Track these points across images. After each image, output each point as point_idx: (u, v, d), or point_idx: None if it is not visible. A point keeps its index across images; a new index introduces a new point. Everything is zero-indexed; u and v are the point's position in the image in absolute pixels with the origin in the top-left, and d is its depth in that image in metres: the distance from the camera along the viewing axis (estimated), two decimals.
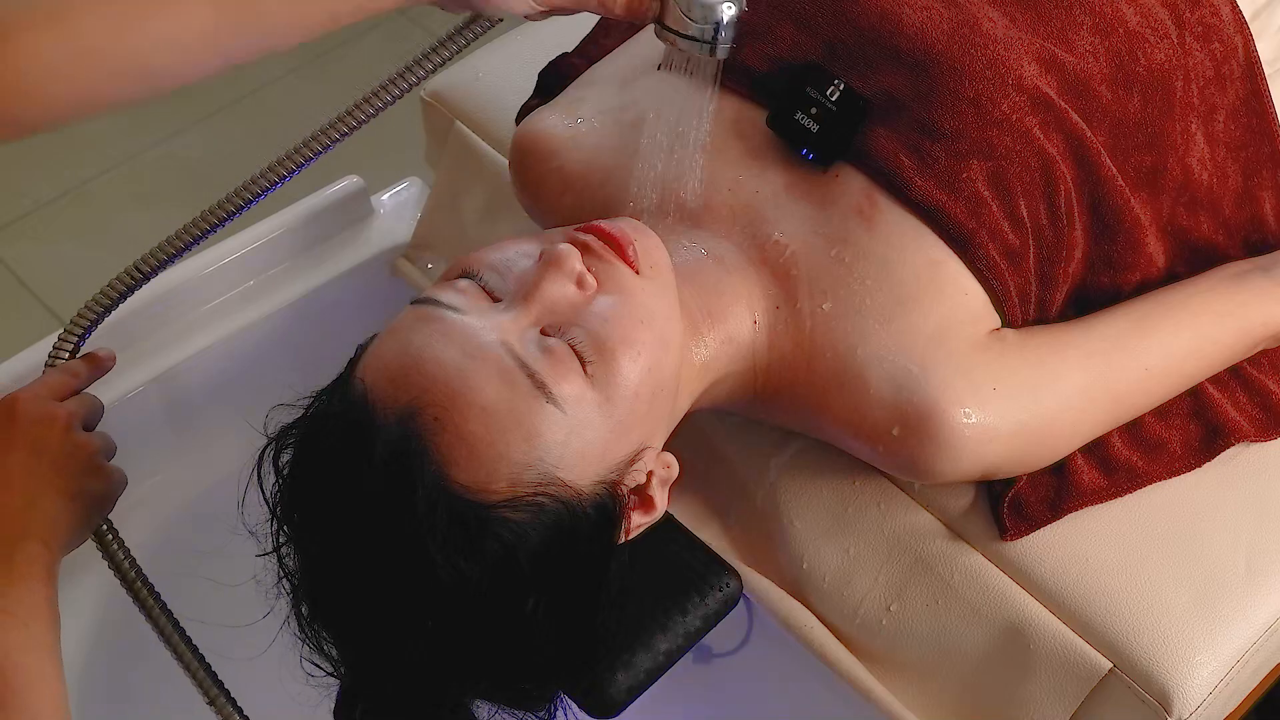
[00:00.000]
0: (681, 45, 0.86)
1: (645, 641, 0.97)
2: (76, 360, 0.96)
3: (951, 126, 0.93)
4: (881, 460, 0.96)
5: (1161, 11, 0.99)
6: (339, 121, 0.89)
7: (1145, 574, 0.94)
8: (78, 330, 0.95)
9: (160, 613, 0.93)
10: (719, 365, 0.92)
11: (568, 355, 0.79)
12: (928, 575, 0.97)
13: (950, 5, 0.96)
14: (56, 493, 0.87)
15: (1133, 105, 0.97)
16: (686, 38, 0.85)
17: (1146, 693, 0.90)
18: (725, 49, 0.86)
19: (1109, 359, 0.96)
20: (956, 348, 0.92)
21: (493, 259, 0.84)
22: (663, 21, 0.86)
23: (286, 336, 1.29)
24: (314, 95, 2.30)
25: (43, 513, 0.85)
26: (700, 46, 0.85)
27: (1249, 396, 1.02)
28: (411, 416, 0.76)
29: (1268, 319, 1.01)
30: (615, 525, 0.83)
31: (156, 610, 0.93)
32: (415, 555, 0.76)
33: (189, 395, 1.25)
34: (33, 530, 0.84)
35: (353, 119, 0.89)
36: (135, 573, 0.93)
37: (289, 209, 1.30)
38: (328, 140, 0.90)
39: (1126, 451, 0.98)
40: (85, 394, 0.94)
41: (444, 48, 0.89)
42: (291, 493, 0.82)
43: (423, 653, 0.79)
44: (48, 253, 2.20)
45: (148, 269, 0.93)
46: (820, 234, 0.94)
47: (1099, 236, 0.98)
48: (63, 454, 0.88)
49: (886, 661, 0.99)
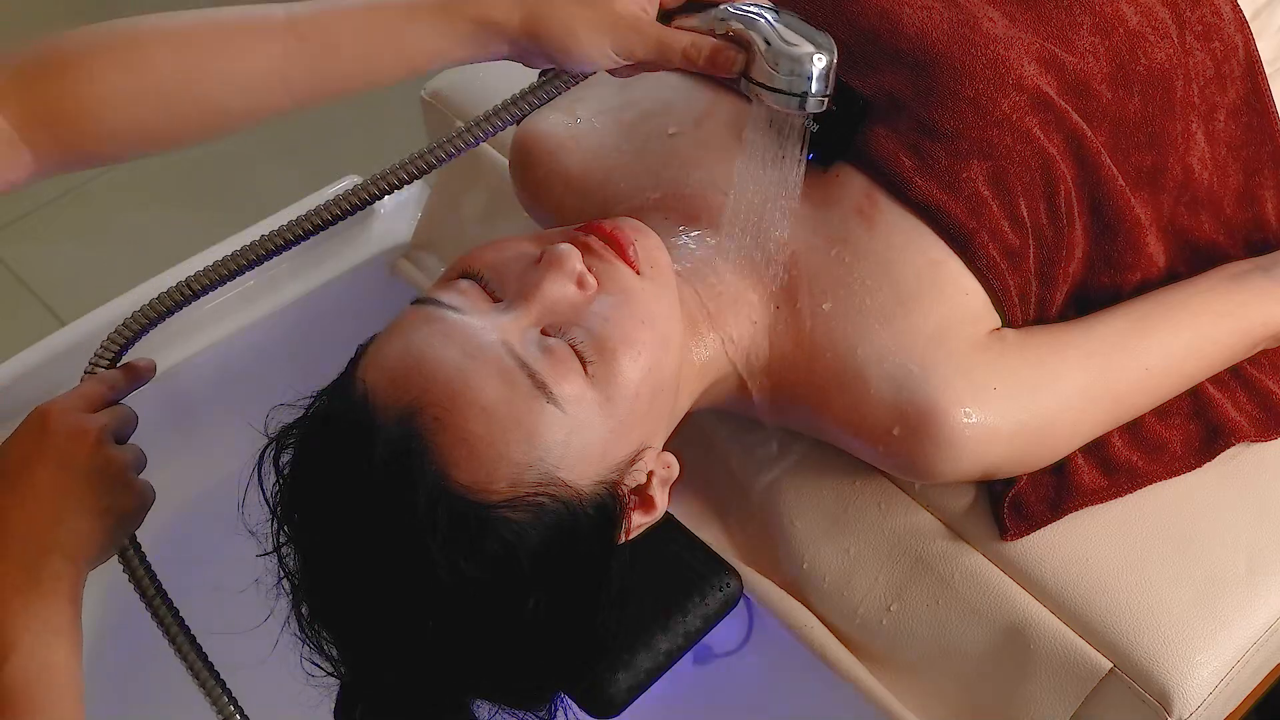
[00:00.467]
0: (769, 100, 0.81)
1: (645, 641, 0.97)
2: (114, 370, 0.92)
3: (952, 126, 0.93)
4: (882, 460, 0.96)
5: (1162, 11, 0.99)
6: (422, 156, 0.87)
7: (1146, 574, 0.94)
8: (119, 341, 0.91)
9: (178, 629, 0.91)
10: (719, 365, 0.92)
11: (568, 355, 0.79)
12: (928, 575, 0.97)
13: (950, 5, 0.96)
14: (85, 509, 0.84)
15: (1133, 105, 0.97)
16: (774, 91, 0.80)
17: (1147, 693, 0.90)
18: (818, 102, 0.80)
19: (1109, 359, 0.96)
20: (957, 348, 0.92)
21: (493, 259, 0.84)
22: (749, 75, 0.81)
23: (286, 336, 1.29)
24: None
25: (70, 529, 0.83)
26: (789, 100, 0.80)
27: (1249, 396, 1.02)
28: (412, 416, 0.76)
29: (1268, 319, 1.01)
30: (616, 525, 0.83)
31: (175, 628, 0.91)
32: (416, 555, 0.76)
33: (189, 395, 1.25)
34: (60, 547, 0.82)
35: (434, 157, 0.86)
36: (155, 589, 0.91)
37: (289, 209, 1.30)
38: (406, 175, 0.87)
39: (1127, 451, 0.98)
40: (119, 405, 0.91)
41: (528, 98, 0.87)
42: (292, 493, 0.82)
43: (423, 653, 0.79)
44: (48, 253, 2.20)
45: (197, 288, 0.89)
46: (820, 234, 0.94)
47: (1099, 236, 0.98)
48: (93, 469, 0.85)
49: (887, 661, 0.99)
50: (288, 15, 0.82)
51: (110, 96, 0.78)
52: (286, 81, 0.82)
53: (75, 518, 0.83)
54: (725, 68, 0.83)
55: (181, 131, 0.82)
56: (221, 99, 0.81)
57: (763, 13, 0.82)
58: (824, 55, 0.80)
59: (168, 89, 0.80)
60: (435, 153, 0.86)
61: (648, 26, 0.83)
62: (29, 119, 0.78)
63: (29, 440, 0.85)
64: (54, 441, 0.85)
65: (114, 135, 0.80)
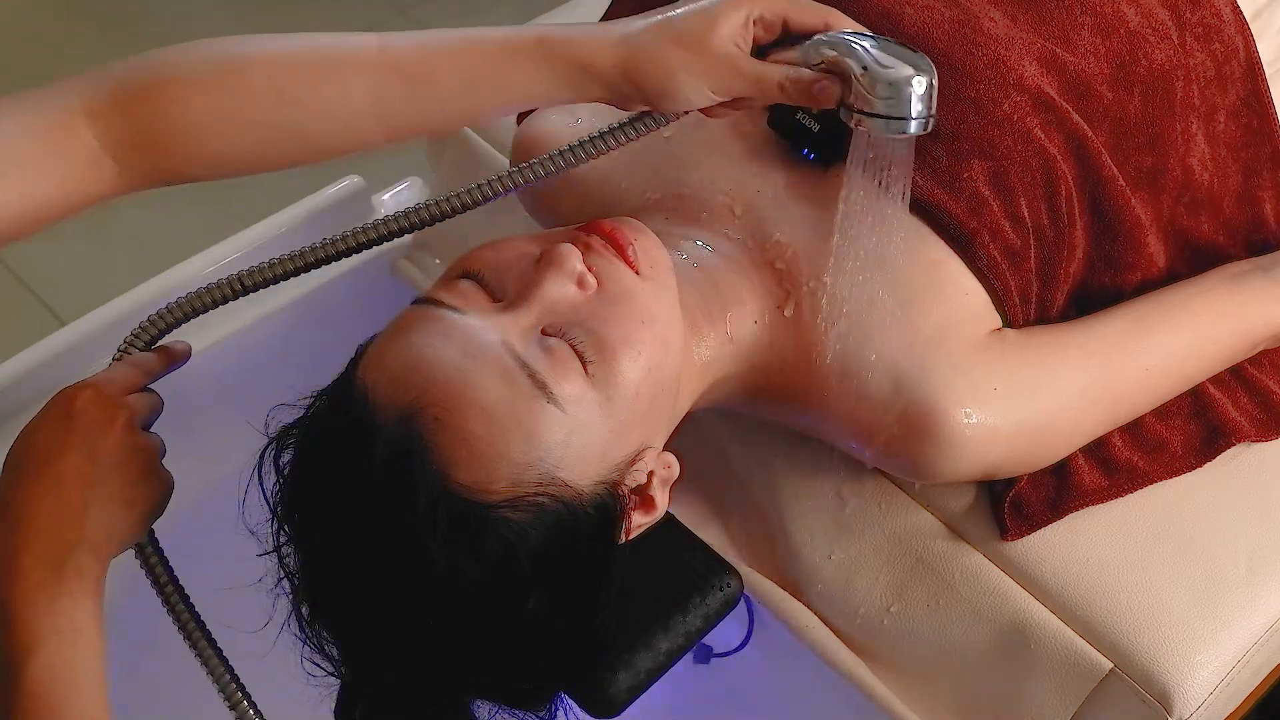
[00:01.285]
0: (870, 127, 0.80)
1: (646, 641, 0.97)
2: (148, 353, 0.88)
3: (952, 126, 0.93)
4: (882, 460, 0.96)
5: (1162, 12, 0.99)
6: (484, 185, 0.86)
7: (1146, 574, 0.94)
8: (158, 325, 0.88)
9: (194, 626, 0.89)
10: (720, 365, 0.92)
11: (568, 355, 0.79)
12: (928, 575, 0.97)
13: (951, 5, 0.96)
14: (111, 500, 0.80)
15: (1133, 105, 0.97)
16: (875, 116, 0.79)
17: (1147, 693, 0.90)
18: (921, 124, 0.79)
19: (1109, 359, 0.96)
20: (957, 348, 0.92)
21: (493, 259, 0.84)
22: (847, 103, 0.80)
23: (286, 336, 1.29)
24: None
25: (96, 521, 0.79)
26: (889, 125, 0.79)
27: (1250, 396, 1.02)
28: (412, 416, 0.76)
29: (1268, 319, 1.01)
30: (616, 525, 0.83)
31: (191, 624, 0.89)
32: (416, 555, 0.76)
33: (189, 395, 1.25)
34: (86, 541, 0.78)
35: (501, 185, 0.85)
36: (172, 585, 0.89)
37: (289, 209, 1.30)
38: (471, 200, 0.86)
39: (1127, 451, 0.98)
40: (147, 391, 0.87)
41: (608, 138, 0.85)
42: (292, 492, 0.82)
43: (423, 653, 0.79)
44: (48, 253, 2.20)
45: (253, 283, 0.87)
46: (821, 234, 0.94)
47: (1100, 236, 0.98)
48: (121, 457, 0.81)
49: (888, 661, 0.99)
50: (381, 47, 0.81)
51: (204, 124, 0.78)
52: (382, 117, 0.81)
53: (102, 510, 0.80)
54: (824, 99, 0.81)
55: (272, 160, 0.82)
56: (316, 131, 0.81)
57: (859, 40, 0.81)
58: (924, 77, 0.79)
59: (262, 119, 0.80)
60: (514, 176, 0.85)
61: (744, 64, 0.81)
62: (120, 140, 0.78)
63: (55, 426, 0.80)
64: (81, 426, 0.80)
65: (204, 161, 0.80)
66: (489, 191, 0.86)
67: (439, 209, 0.86)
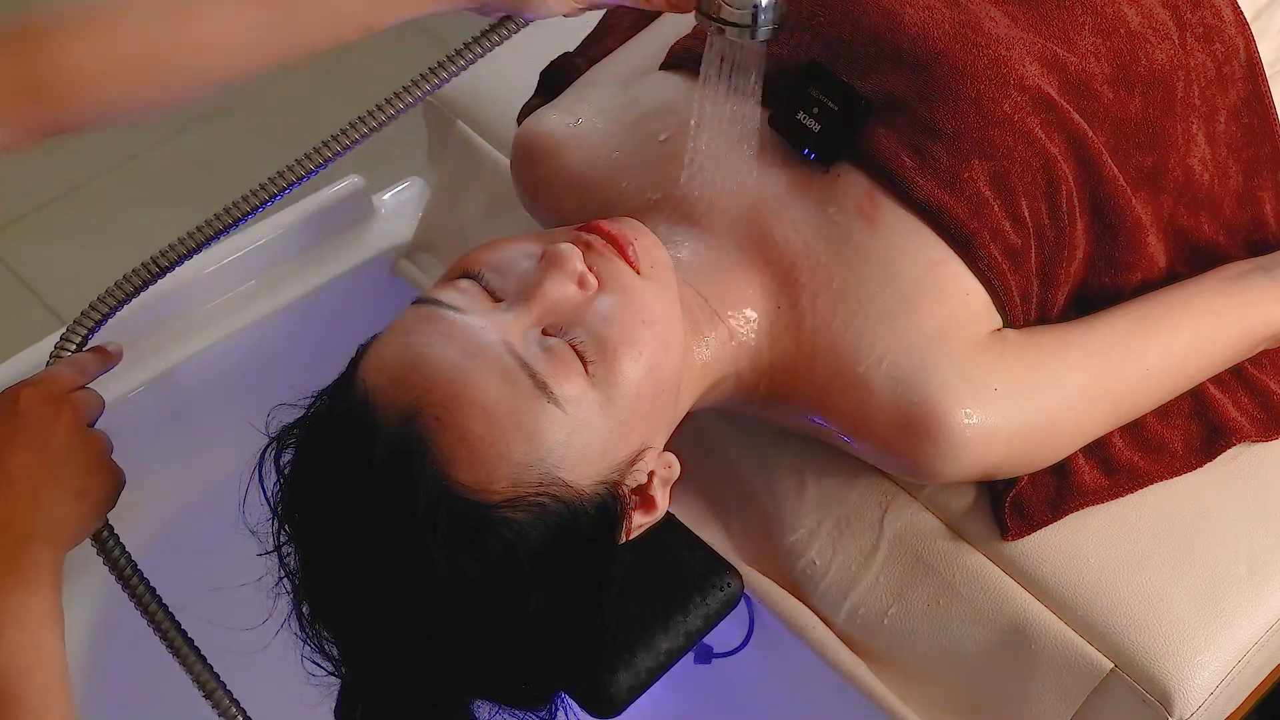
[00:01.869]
0: (723, 34, 0.87)
1: (646, 641, 0.97)
2: (83, 353, 0.92)
3: (953, 126, 0.93)
4: (882, 461, 0.96)
5: (1163, 12, 0.99)
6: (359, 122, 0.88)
7: (1146, 574, 0.94)
8: (86, 325, 0.92)
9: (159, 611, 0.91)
10: (720, 365, 0.92)
11: (569, 355, 0.79)
12: (929, 575, 0.97)
13: (952, 5, 0.96)
14: (61, 492, 0.83)
15: (1134, 105, 0.97)
16: (727, 23, 0.86)
17: (1148, 693, 0.90)
18: (767, 31, 0.86)
19: (1110, 359, 0.96)
20: (957, 348, 0.91)
21: (494, 259, 0.84)
22: (703, 10, 0.87)
23: (287, 336, 1.29)
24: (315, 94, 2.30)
25: (48, 514, 0.82)
26: (740, 31, 0.86)
27: (1250, 396, 1.02)
28: (412, 416, 0.76)
29: (1269, 319, 1.01)
30: (616, 525, 0.83)
31: (155, 608, 0.91)
32: (416, 555, 0.76)
33: (189, 395, 1.25)
34: (38, 533, 0.81)
35: (374, 119, 0.88)
36: (132, 570, 0.91)
37: (290, 209, 1.30)
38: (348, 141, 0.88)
39: (1128, 451, 0.98)
40: (87, 389, 0.90)
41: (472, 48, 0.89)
42: (293, 492, 0.82)
43: (423, 652, 0.79)
44: (48, 253, 2.20)
45: (160, 267, 0.91)
46: (822, 234, 0.94)
47: (1100, 236, 0.98)
48: (68, 451, 0.84)
49: (888, 661, 0.99)
50: None
51: (82, 70, 0.78)
52: (251, 46, 0.82)
53: (53, 502, 0.82)
54: (681, 3, 0.86)
55: (153, 100, 0.82)
56: (190, 67, 0.81)
57: None
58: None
59: (136, 61, 0.79)
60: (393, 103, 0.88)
61: None
62: (5, 95, 0.77)
63: (1, 424, 0.83)
64: (28, 423, 0.83)
65: (88, 107, 0.79)
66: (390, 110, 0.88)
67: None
